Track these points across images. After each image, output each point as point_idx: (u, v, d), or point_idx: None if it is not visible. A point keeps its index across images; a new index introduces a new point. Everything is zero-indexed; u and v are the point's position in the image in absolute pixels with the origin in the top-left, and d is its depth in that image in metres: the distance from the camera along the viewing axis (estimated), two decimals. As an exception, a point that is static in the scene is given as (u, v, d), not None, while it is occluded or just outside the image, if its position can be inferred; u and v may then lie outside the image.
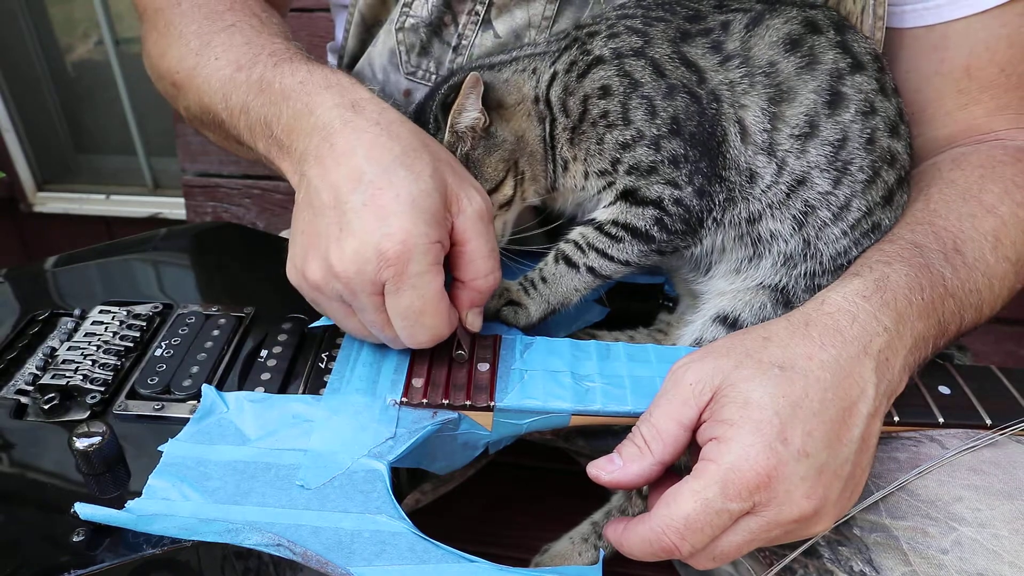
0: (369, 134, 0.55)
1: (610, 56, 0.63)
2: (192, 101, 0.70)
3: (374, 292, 0.53)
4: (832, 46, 0.62)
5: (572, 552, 0.73)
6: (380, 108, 0.58)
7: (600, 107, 0.63)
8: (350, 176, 0.53)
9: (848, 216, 0.63)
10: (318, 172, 0.55)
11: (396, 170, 0.53)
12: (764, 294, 0.66)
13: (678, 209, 0.63)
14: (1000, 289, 0.62)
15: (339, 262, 0.53)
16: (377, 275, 0.52)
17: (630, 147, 0.63)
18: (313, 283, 0.55)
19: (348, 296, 0.55)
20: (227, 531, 0.49)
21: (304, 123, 0.58)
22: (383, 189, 0.52)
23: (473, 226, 0.56)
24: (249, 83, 0.63)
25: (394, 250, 0.51)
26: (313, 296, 0.58)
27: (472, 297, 0.59)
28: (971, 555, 0.50)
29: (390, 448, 0.54)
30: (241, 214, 1.44)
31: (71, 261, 0.78)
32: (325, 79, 0.60)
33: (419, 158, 0.55)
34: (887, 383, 0.52)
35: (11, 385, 0.61)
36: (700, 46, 0.63)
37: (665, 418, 0.51)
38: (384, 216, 0.52)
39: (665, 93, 0.62)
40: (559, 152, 0.66)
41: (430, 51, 0.73)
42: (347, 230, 0.52)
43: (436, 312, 0.55)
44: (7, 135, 1.93)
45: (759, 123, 0.62)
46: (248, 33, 0.68)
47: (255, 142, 0.63)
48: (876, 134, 0.63)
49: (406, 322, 0.55)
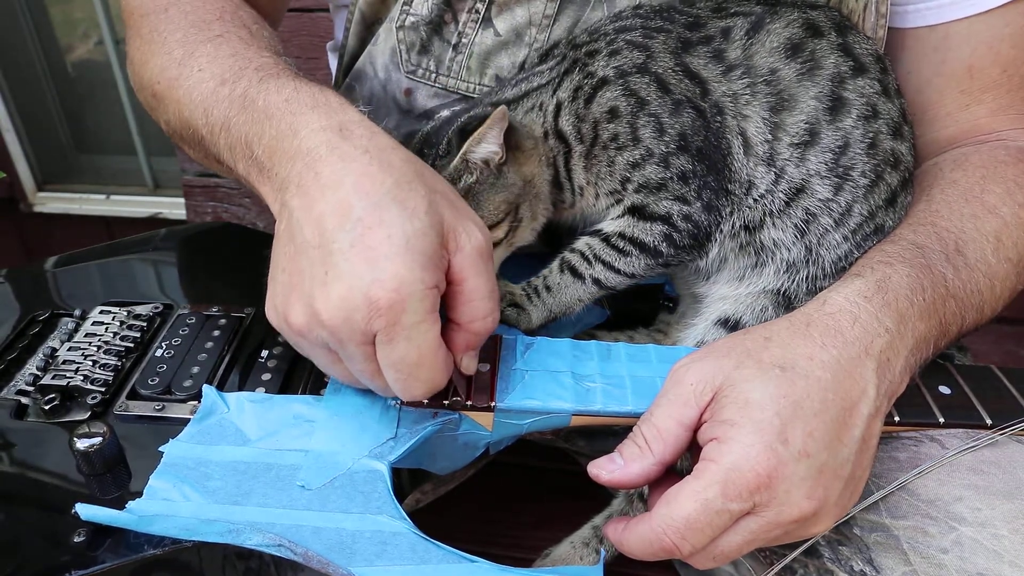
0: (358, 163, 0.50)
1: (614, 76, 0.63)
2: (172, 114, 0.65)
3: (364, 342, 0.49)
4: (834, 49, 0.62)
5: (573, 556, 0.73)
6: (370, 133, 0.52)
7: (610, 130, 0.63)
8: (337, 211, 0.48)
9: (850, 221, 0.63)
10: (301, 204, 0.50)
11: (388, 206, 0.48)
12: (766, 298, 0.66)
13: (687, 225, 0.63)
14: (1001, 290, 0.62)
15: (325, 309, 0.48)
16: (367, 325, 0.47)
17: (639, 166, 0.62)
18: (296, 328, 0.50)
19: (335, 345, 0.50)
20: (228, 532, 0.49)
21: (287, 145, 0.53)
22: (373, 228, 0.47)
23: (472, 264, 0.51)
24: (232, 98, 0.58)
25: (386, 298, 0.46)
26: (296, 341, 0.53)
27: (469, 340, 0.54)
28: (971, 555, 0.50)
29: (391, 448, 0.54)
30: (241, 214, 1.44)
31: (71, 261, 0.78)
32: (312, 98, 0.55)
33: (413, 191, 0.49)
34: (888, 384, 0.52)
35: (12, 385, 0.61)
36: (702, 55, 0.63)
37: (666, 418, 0.51)
38: (374, 259, 0.47)
39: (671, 110, 0.61)
40: (575, 180, 0.66)
41: (430, 49, 0.73)
42: (333, 273, 0.47)
43: (432, 364, 0.50)
44: (7, 135, 1.93)
45: (760, 133, 0.62)
46: (236, 45, 0.63)
47: (235, 163, 0.58)
48: (879, 137, 0.62)
49: (399, 374, 0.50)
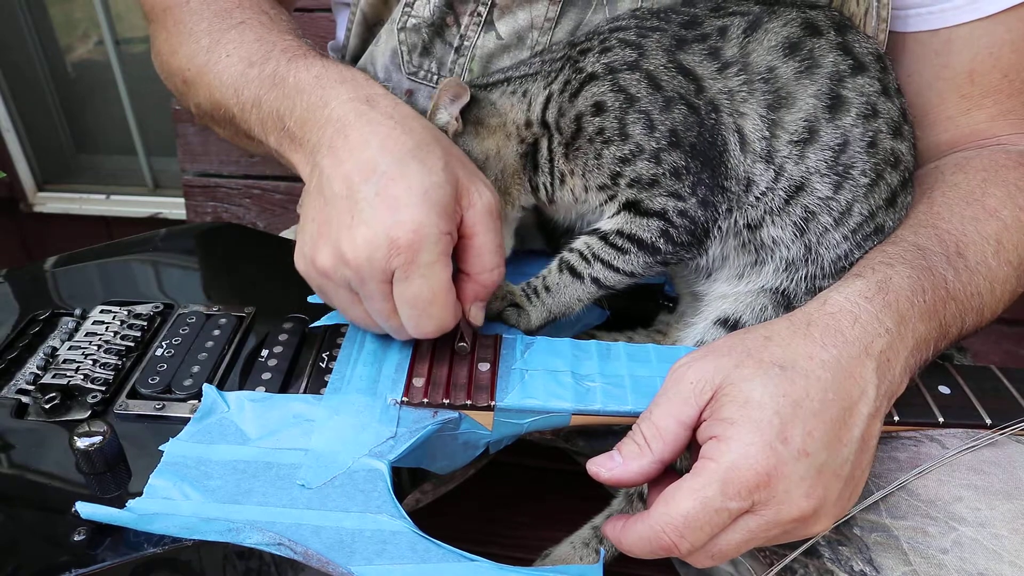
0: (384, 127, 0.56)
1: (603, 72, 0.63)
2: (203, 97, 0.71)
3: (383, 280, 0.54)
4: (833, 48, 0.62)
5: (573, 556, 0.73)
6: (394, 103, 0.58)
7: (595, 124, 0.63)
8: (363, 167, 0.54)
9: (850, 220, 0.63)
10: (331, 162, 0.56)
11: (409, 163, 0.54)
12: (766, 297, 0.66)
13: (683, 221, 0.63)
14: (1001, 293, 0.62)
15: (350, 249, 0.53)
16: (387, 262, 0.53)
17: (630, 161, 0.63)
18: (322, 269, 0.56)
19: (356, 283, 0.55)
20: (228, 530, 0.49)
21: (318, 115, 0.58)
22: (395, 180, 0.53)
23: (482, 220, 0.57)
24: (262, 78, 0.64)
25: (405, 238, 0.52)
26: (320, 283, 0.58)
27: (476, 290, 0.59)
28: (971, 555, 0.50)
29: (391, 448, 0.54)
30: (241, 214, 1.44)
31: (71, 261, 0.78)
32: (340, 74, 0.61)
33: (431, 152, 0.55)
34: (888, 384, 0.52)
35: (12, 385, 0.61)
36: (697, 52, 0.63)
37: (666, 416, 0.51)
38: (396, 206, 0.52)
39: (662, 106, 0.61)
40: (556, 165, 0.67)
41: (432, 51, 0.73)
42: (359, 218, 0.53)
43: (443, 302, 0.55)
44: (7, 135, 1.93)
45: (758, 131, 0.62)
46: (259, 30, 0.69)
47: (266, 136, 0.64)
48: (878, 136, 0.62)
49: (413, 311, 0.55)
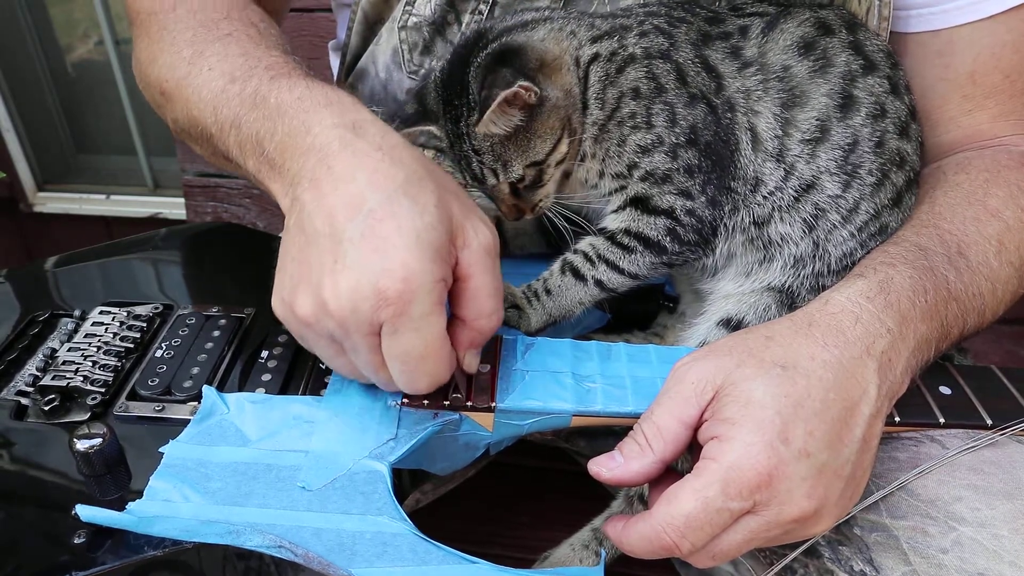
0: (371, 159, 0.51)
1: (641, 55, 0.63)
2: (180, 112, 0.67)
3: (370, 332, 0.49)
4: (845, 47, 0.62)
5: (573, 558, 0.73)
6: (382, 131, 0.54)
7: (630, 107, 0.63)
8: (349, 203, 0.49)
9: (856, 218, 0.63)
10: (313, 196, 0.51)
11: (399, 199, 0.49)
12: (770, 296, 0.66)
13: (690, 219, 0.63)
14: (1003, 293, 0.62)
15: (332, 298, 0.48)
16: (374, 315, 0.48)
17: (649, 152, 0.62)
18: (302, 318, 0.51)
19: (340, 335, 0.51)
20: (228, 533, 0.49)
21: (300, 142, 0.54)
22: (384, 220, 0.48)
23: (479, 261, 0.52)
24: (242, 97, 0.59)
25: (394, 288, 0.47)
26: (301, 332, 0.53)
27: (472, 337, 0.55)
28: (971, 555, 0.50)
29: (391, 449, 0.54)
30: (241, 214, 1.44)
31: (71, 261, 0.78)
32: (325, 96, 0.56)
33: (424, 187, 0.51)
34: (889, 384, 0.52)
35: (11, 386, 0.61)
36: (720, 50, 0.63)
37: (667, 416, 0.51)
38: (384, 249, 0.48)
39: (686, 102, 0.61)
40: (583, 145, 0.65)
41: (433, 50, 0.73)
42: (343, 262, 0.48)
43: (437, 356, 0.51)
44: (7, 135, 1.93)
45: (771, 129, 0.62)
46: (245, 44, 0.65)
47: (244, 160, 0.59)
48: (885, 137, 0.63)
49: (404, 367, 0.51)
